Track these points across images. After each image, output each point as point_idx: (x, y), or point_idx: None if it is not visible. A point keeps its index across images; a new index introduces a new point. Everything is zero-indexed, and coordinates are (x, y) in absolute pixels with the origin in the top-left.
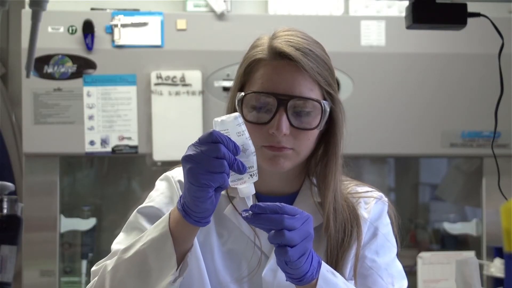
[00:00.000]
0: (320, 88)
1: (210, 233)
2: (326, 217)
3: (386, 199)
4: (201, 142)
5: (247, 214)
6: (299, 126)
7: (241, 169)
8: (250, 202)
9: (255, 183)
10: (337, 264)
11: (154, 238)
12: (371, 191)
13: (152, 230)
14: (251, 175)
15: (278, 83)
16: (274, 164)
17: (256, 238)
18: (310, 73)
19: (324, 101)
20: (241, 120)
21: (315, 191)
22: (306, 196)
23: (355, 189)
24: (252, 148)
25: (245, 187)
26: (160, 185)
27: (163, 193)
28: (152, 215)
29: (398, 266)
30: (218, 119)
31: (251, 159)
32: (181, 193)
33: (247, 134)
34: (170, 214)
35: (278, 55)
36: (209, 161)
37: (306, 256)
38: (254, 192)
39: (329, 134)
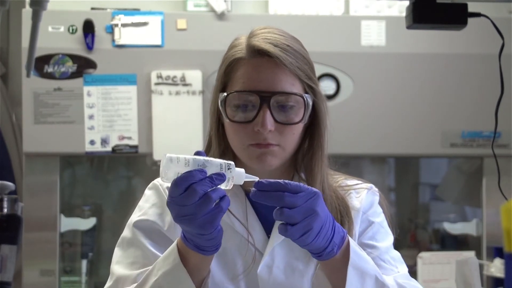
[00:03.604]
0: (301, 82)
1: None
2: None
3: (376, 189)
4: (174, 197)
5: (253, 191)
6: (284, 121)
7: (221, 180)
8: (241, 181)
9: (246, 183)
10: None
11: (167, 272)
12: (360, 183)
13: (162, 263)
14: (228, 169)
15: (259, 80)
16: (262, 162)
17: (249, 236)
18: (290, 68)
19: (306, 95)
20: (175, 157)
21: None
22: None
23: (345, 182)
24: (205, 157)
25: (235, 179)
26: (150, 195)
27: (155, 204)
28: (148, 229)
29: (397, 252)
30: (166, 160)
31: (215, 162)
32: None
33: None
34: (177, 245)
35: (257, 53)
36: (197, 208)
37: (313, 234)
38: (243, 173)
39: (313, 127)
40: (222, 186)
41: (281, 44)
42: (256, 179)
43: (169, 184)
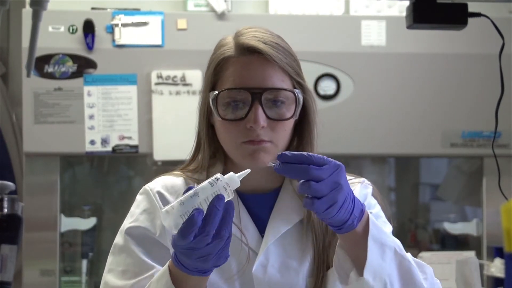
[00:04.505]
0: (290, 78)
1: None
2: None
3: (368, 182)
4: (184, 245)
5: (275, 163)
6: (275, 117)
7: (221, 201)
8: (238, 183)
9: (241, 181)
10: (328, 251)
11: None
12: (352, 178)
13: (155, 285)
14: (218, 180)
15: (250, 77)
16: (255, 159)
17: (242, 235)
18: (279, 64)
19: (296, 90)
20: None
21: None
22: (289, 190)
23: None
24: (193, 188)
25: (231, 185)
26: (141, 200)
27: (146, 210)
28: (140, 236)
29: (398, 241)
30: (167, 211)
31: (204, 186)
32: (161, 205)
33: (183, 198)
34: (169, 267)
35: (246, 51)
36: (213, 247)
37: (337, 207)
38: (234, 175)
39: (302, 123)
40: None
41: (269, 42)
42: (248, 171)
43: (159, 188)
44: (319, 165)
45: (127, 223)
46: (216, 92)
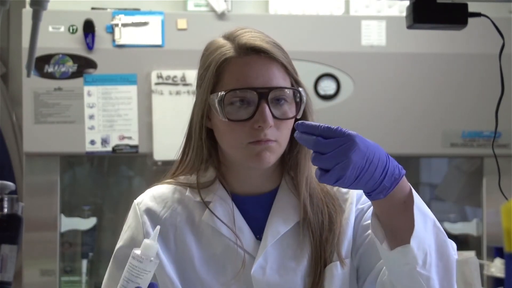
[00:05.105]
0: (290, 77)
1: (187, 243)
2: (302, 203)
3: None
4: None
5: (296, 132)
6: (281, 116)
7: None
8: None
9: (235, 184)
10: (325, 247)
11: None
12: None
13: None
14: (133, 258)
15: (255, 77)
16: (261, 159)
17: (237, 239)
18: (283, 62)
19: (300, 89)
20: None
21: (293, 184)
22: (287, 191)
23: None
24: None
25: (148, 251)
26: (128, 217)
27: (129, 226)
28: (123, 259)
29: None
30: None
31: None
32: (146, 221)
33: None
34: None
35: (250, 50)
36: None
37: (347, 181)
38: (146, 240)
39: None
40: (153, 265)
41: (269, 42)
42: (157, 230)
43: (149, 204)
44: (326, 137)
45: (117, 244)
46: (223, 92)
